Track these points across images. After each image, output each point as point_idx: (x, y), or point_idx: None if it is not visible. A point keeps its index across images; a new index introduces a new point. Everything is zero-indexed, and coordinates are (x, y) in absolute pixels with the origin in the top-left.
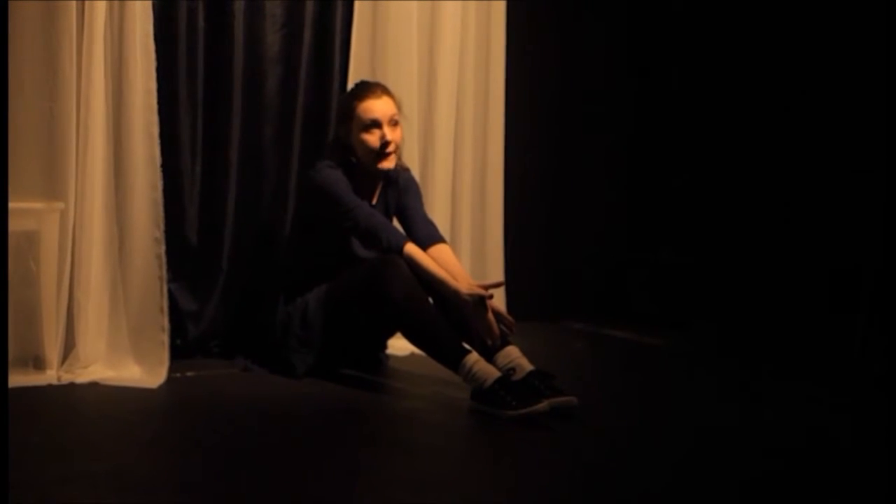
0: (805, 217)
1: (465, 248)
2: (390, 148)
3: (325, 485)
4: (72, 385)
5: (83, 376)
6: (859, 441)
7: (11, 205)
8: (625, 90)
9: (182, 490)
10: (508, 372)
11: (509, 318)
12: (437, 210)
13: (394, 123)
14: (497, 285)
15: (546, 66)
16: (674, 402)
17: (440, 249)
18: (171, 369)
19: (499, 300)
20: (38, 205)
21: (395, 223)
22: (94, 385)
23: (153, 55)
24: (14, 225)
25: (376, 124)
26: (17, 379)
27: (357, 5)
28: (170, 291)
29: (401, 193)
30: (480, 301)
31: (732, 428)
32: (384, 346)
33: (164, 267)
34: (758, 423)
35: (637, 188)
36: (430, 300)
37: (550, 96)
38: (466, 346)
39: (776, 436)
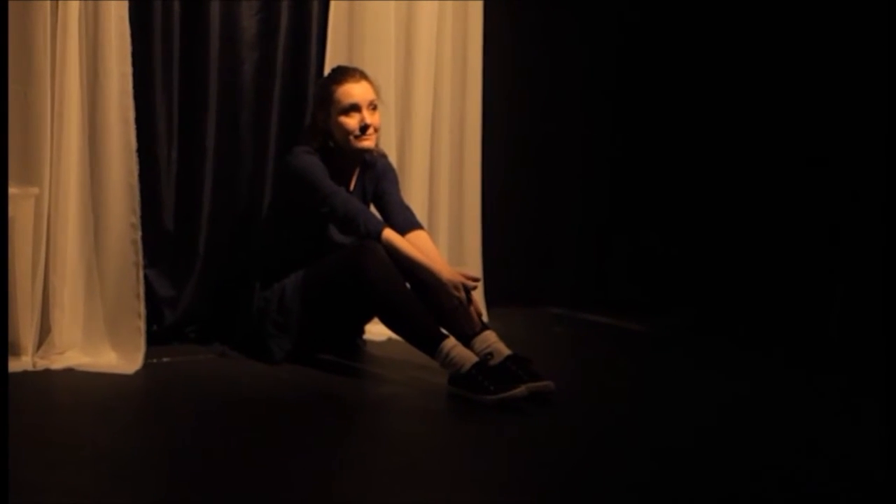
0: (785, 200)
1: (443, 234)
2: (370, 131)
3: (304, 470)
4: (47, 371)
5: (59, 362)
6: (845, 422)
7: None
8: (606, 75)
9: (160, 476)
10: (486, 357)
11: (479, 308)
12: (415, 196)
13: (373, 108)
14: (475, 279)
15: (525, 51)
16: (653, 387)
17: (418, 236)
18: (148, 355)
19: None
20: (12, 190)
21: (372, 209)
22: (69, 371)
23: (128, 39)
24: None
25: (356, 108)
26: None
27: None
28: (146, 277)
29: (378, 179)
30: (464, 288)
31: (713, 413)
32: (362, 332)
33: (141, 253)
34: (740, 409)
35: (617, 172)
36: (408, 285)
37: (529, 82)
38: (444, 331)
39: (761, 423)
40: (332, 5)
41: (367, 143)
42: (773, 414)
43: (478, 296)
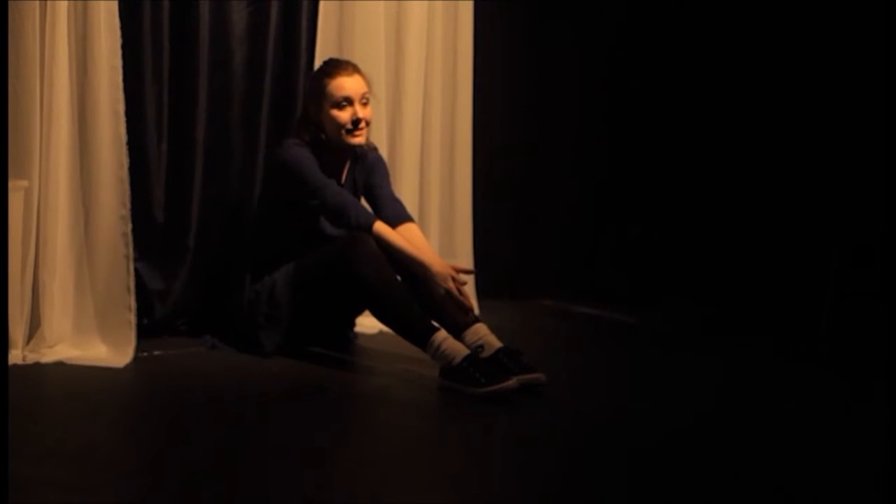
0: (776, 191)
1: (434, 227)
2: (362, 125)
3: (295, 463)
4: (37, 365)
5: (49, 356)
6: (838, 415)
7: None
8: (595, 70)
9: (150, 469)
10: (477, 349)
11: (471, 301)
12: (405, 189)
13: (365, 102)
14: (468, 272)
15: (516, 44)
16: (644, 379)
17: (408, 228)
18: (138, 348)
19: (467, 277)
20: None
21: (363, 202)
22: (59, 364)
23: (118, 32)
24: None
25: (348, 101)
26: None
27: None
28: (136, 270)
29: (368, 172)
30: (454, 281)
31: (705, 405)
32: (352, 324)
33: (131, 245)
34: (732, 400)
35: (607, 164)
36: (399, 278)
37: (520, 74)
38: (435, 323)
39: (753, 414)
40: (322, 4)
41: (358, 139)
42: (765, 405)
43: (469, 289)
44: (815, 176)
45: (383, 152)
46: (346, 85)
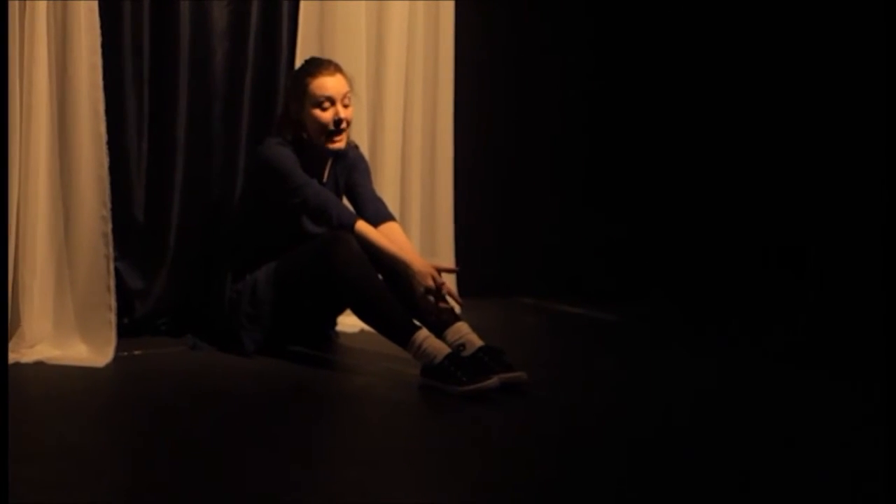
0: (758, 187)
1: (415, 226)
2: (343, 126)
3: (277, 463)
4: (17, 365)
5: (29, 356)
6: (825, 412)
7: None
8: (578, 70)
9: (130, 468)
10: (458, 348)
11: (458, 298)
12: (387, 188)
13: (347, 102)
14: (450, 271)
15: (497, 46)
16: (626, 377)
17: (390, 227)
18: (119, 348)
19: (449, 276)
20: None
21: (345, 201)
22: (39, 364)
23: (98, 31)
24: None
25: (330, 101)
26: None
27: None
28: (116, 270)
29: (350, 171)
30: (433, 279)
31: (688, 402)
32: (334, 323)
33: (111, 245)
34: (716, 398)
35: (590, 162)
36: (380, 277)
37: (502, 71)
38: (416, 322)
39: (737, 411)
40: (302, 3)
41: (339, 144)
42: (748, 402)
43: (451, 287)
44: (796, 172)
45: (364, 151)
46: (328, 85)
